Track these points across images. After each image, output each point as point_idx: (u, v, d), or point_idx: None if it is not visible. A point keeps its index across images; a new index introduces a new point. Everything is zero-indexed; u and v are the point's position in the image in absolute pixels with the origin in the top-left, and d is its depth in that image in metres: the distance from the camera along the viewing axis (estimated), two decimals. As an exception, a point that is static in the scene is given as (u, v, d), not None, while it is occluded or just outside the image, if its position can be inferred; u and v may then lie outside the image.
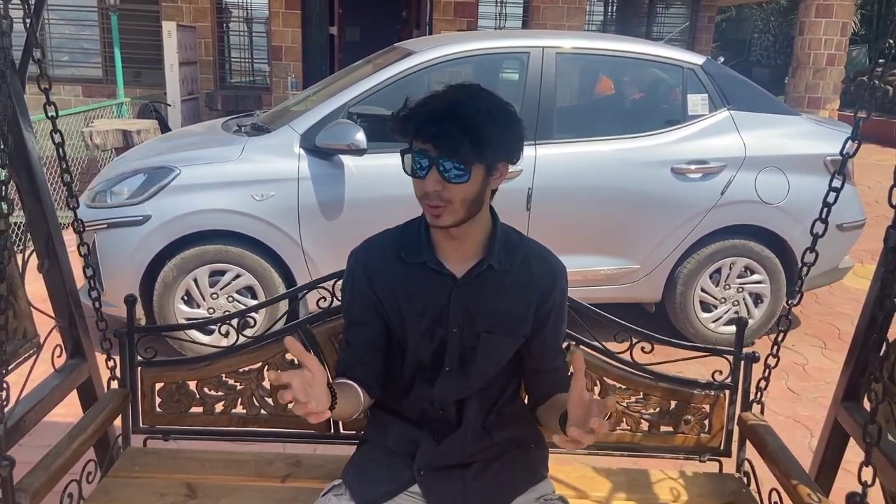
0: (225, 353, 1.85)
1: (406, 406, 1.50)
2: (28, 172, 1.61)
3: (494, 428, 1.51)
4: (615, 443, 1.86)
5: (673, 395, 1.83)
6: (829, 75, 9.88)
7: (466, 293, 1.41)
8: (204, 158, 3.58)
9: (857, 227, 3.97)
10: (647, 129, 3.82)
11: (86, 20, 10.28)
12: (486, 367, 1.45)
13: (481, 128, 1.26)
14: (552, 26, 10.30)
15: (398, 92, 3.56)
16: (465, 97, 1.30)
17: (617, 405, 1.84)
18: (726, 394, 1.83)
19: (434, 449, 1.47)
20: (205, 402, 1.87)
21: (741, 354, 1.82)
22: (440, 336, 1.43)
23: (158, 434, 1.90)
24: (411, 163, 1.31)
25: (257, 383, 1.85)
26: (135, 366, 1.85)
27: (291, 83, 9.68)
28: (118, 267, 3.41)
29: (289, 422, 1.86)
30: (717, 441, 1.85)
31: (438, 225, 1.34)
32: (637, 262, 3.77)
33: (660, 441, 1.86)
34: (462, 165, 1.27)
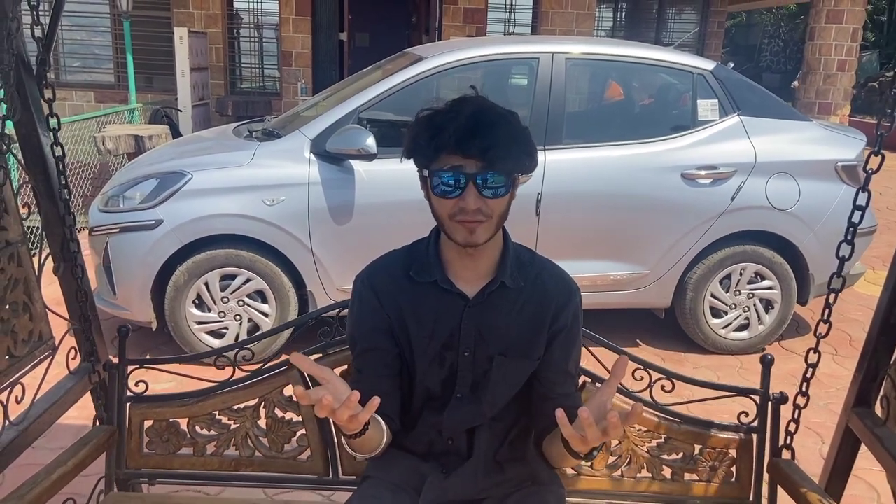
0: (219, 387, 1.77)
1: (413, 438, 1.44)
2: (44, 177, 1.62)
3: (507, 462, 1.45)
4: (635, 491, 1.74)
5: (696, 438, 1.72)
6: (840, 81, 9.82)
7: (479, 313, 1.36)
8: (215, 163, 3.60)
9: (868, 233, 3.95)
10: (657, 134, 3.81)
11: (98, 26, 10.36)
12: (499, 392, 1.39)
13: (518, 136, 1.26)
14: (561, 32, 10.31)
15: (408, 97, 3.57)
16: (488, 106, 1.26)
17: (638, 449, 1.73)
18: (753, 437, 1.72)
19: (442, 482, 1.41)
20: (195, 443, 1.77)
21: (768, 395, 1.71)
22: (450, 362, 1.37)
23: (144, 477, 1.79)
24: (444, 181, 1.25)
25: (252, 422, 1.76)
26: (123, 402, 1.76)
27: (301, 89, 9.72)
28: (130, 271, 3.44)
29: (285, 465, 1.76)
30: (745, 490, 1.73)
31: (474, 242, 1.28)
32: (647, 267, 3.76)
33: (683, 489, 1.73)
34: (504, 178, 1.25)
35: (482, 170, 1.24)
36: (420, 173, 1.32)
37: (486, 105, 1.27)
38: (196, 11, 9.94)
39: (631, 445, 1.73)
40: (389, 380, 1.39)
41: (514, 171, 1.28)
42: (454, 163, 1.24)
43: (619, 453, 1.74)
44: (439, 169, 1.26)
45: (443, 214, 1.29)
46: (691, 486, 1.74)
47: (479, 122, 1.23)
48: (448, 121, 1.24)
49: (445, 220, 1.30)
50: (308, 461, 1.75)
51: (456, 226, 1.28)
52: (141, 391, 1.79)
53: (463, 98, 1.29)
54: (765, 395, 1.72)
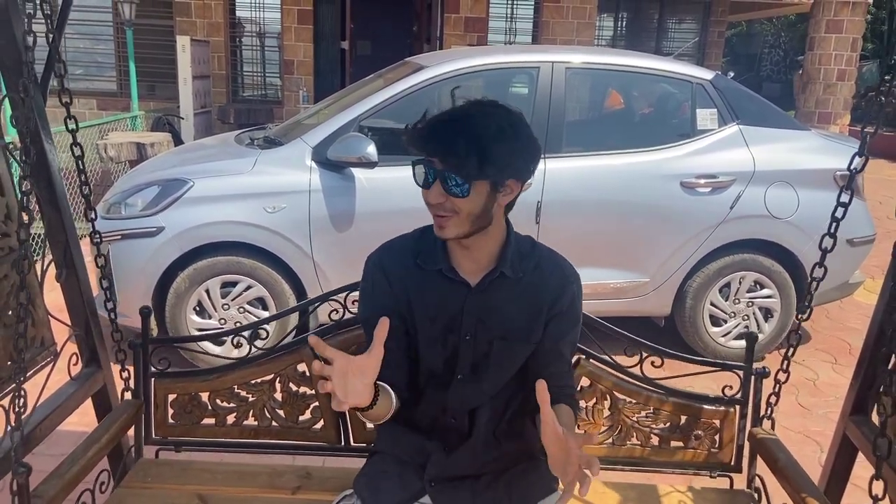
0: (237, 364, 1.87)
1: (417, 414, 1.50)
2: (48, 184, 1.64)
3: (504, 438, 1.51)
4: (625, 457, 1.86)
5: (683, 409, 1.83)
6: (840, 90, 9.85)
7: (480, 301, 1.42)
8: (217, 171, 3.62)
9: (867, 242, 3.96)
10: (657, 143, 3.83)
11: (101, 34, 10.42)
12: (498, 373, 1.46)
13: (486, 145, 1.26)
14: (562, 41, 10.35)
15: (409, 106, 3.59)
16: (477, 113, 1.31)
17: (627, 419, 1.83)
18: (737, 409, 1.82)
19: (444, 459, 1.48)
20: (217, 414, 1.88)
21: (751, 369, 1.82)
22: (452, 343, 1.44)
23: (171, 445, 1.91)
24: (416, 172, 1.34)
25: (269, 395, 1.86)
26: (148, 377, 1.87)
27: (303, 97, 9.76)
28: (131, 278, 3.45)
29: (300, 434, 1.87)
30: (727, 456, 1.84)
31: (442, 236, 1.36)
32: (646, 275, 3.77)
33: (670, 456, 1.85)
34: (463, 180, 1.28)
35: (445, 169, 1.29)
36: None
37: (469, 110, 1.32)
38: (198, 20, 10.00)
39: (621, 416, 1.84)
40: (398, 352, 1.43)
41: (473, 177, 1.29)
42: (429, 157, 1.31)
43: (610, 423, 1.85)
44: (417, 160, 1.34)
45: (425, 203, 1.36)
46: (677, 453, 1.85)
47: (447, 126, 1.29)
48: (431, 120, 1.32)
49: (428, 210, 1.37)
50: (321, 430, 1.87)
51: (433, 217, 1.36)
52: (164, 368, 1.88)
53: (469, 101, 1.35)
54: (748, 370, 1.82)
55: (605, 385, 1.82)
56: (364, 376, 1.19)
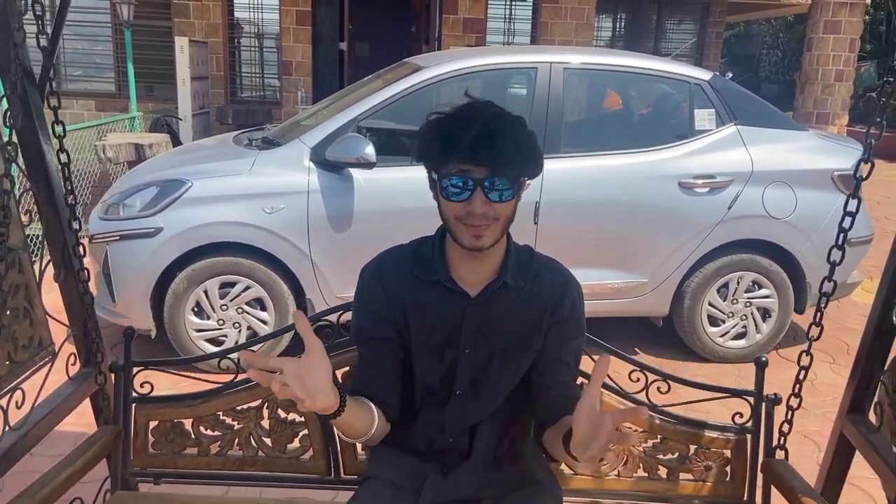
0: (223, 389, 1.78)
1: (413, 435, 1.45)
2: (46, 184, 1.64)
3: (506, 460, 1.46)
4: (631, 491, 1.77)
5: (692, 438, 1.74)
6: (838, 91, 9.88)
7: (480, 312, 1.38)
8: (215, 171, 3.62)
9: (864, 242, 3.97)
10: (655, 143, 3.84)
11: (99, 35, 10.42)
12: (499, 388, 1.41)
13: (524, 144, 1.29)
14: (560, 42, 10.36)
15: (407, 106, 3.60)
16: (500, 114, 1.29)
17: (634, 449, 1.75)
18: (747, 438, 1.74)
19: (442, 482, 1.43)
20: (200, 443, 1.79)
21: (762, 396, 1.74)
22: (450, 358, 1.39)
23: (150, 476, 1.82)
24: (453, 184, 1.28)
25: (255, 422, 1.78)
26: (129, 402, 1.78)
27: (301, 98, 9.76)
28: (130, 278, 3.45)
29: (288, 464, 1.79)
30: (740, 489, 1.75)
31: (480, 246, 1.31)
32: (645, 275, 3.78)
33: (679, 489, 1.76)
34: (511, 183, 1.28)
35: (489, 175, 1.26)
36: (429, 175, 1.35)
37: (495, 113, 1.30)
38: (197, 21, 10.00)
39: (627, 446, 1.75)
40: (391, 368, 1.40)
41: (520, 175, 1.31)
42: (463, 167, 1.27)
43: (616, 454, 1.75)
44: (448, 173, 1.28)
45: (450, 217, 1.32)
46: (687, 486, 1.76)
47: (488, 132, 1.25)
48: (459, 129, 1.26)
49: (452, 223, 1.32)
50: (310, 461, 1.78)
51: (462, 229, 1.31)
52: (146, 392, 1.81)
53: (472, 105, 1.32)
54: (759, 397, 1.75)
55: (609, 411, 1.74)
56: (318, 375, 1.12)
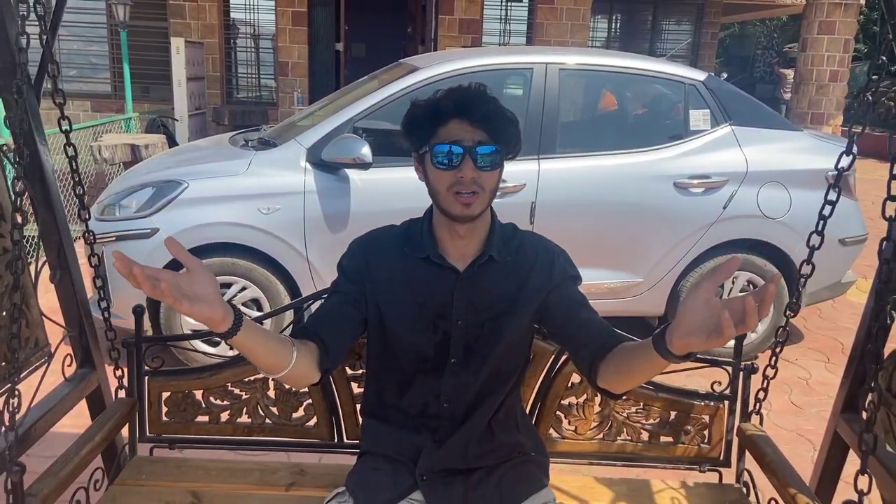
0: (231, 362, 1.87)
1: (407, 402, 1.50)
2: (42, 185, 1.64)
3: (498, 430, 1.52)
4: (616, 453, 1.87)
5: (673, 405, 1.85)
6: (832, 91, 9.92)
7: (469, 286, 1.44)
8: (211, 172, 3.62)
9: (858, 241, 3.98)
10: (650, 143, 3.85)
11: (95, 36, 10.41)
12: (493, 353, 1.46)
13: (511, 117, 1.38)
14: (556, 43, 10.39)
15: (403, 107, 3.55)
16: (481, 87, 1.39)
17: (617, 414, 1.86)
18: (725, 404, 1.85)
19: (435, 451, 1.48)
20: (210, 412, 1.89)
21: (740, 365, 1.84)
22: (444, 329, 1.45)
23: (164, 443, 1.91)
24: (444, 152, 1.35)
25: (262, 392, 1.87)
26: (142, 375, 1.87)
27: (297, 98, 9.77)
28: (126, 279, 3.44)
29: (293, 431, 1.88)
30: (716, 451, 1.86)
31: (469, 214, 1.37)
32: (640, 275, 3.79)
33: (660, 451, 1.87)
34: (496, 153, 1.35)
35: (478, 143, 1.34)
36: (416, 154, 1.41)
37: (477, 86, 1.39)
38: (193, 22, 10.00)
39: (612, 411, 1.87)
40: (343, 319, 1.46)
41: (507, 142, 1.38)
42: (453, 136, 1.34)
43: (601, 419, 1.86)
44: (438, 142, 1.35)
45: (440, 188, 1.37)
46: (667, 448, 1.87)
47: (473, 95, 1.36)
48: (450, 94, 1.36)
49: (442, 194, 1.37)
50: (314, 427, 1.88)
51: (452, 199, 1.36)
52: (157, 366, 1.88)
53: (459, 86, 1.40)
54: (736, 366, 1.85)
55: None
56: (200, 286, 1.10)
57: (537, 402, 1.84)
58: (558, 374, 1.81)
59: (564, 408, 1.85)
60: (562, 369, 1.81)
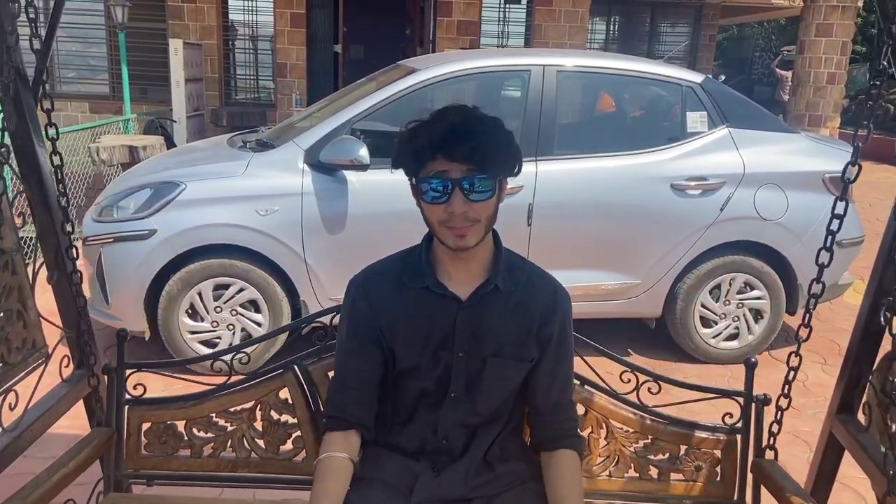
0: (216, 390, 1.78)
1: (406, 436, 1.47)
2: (39, 186, 1.64)
3: (496, 461, 1.48)
4: (622, 491, 1.77)
5: (682, 439, 1.76)
6: (830, 93, 9.92)
7: (472, 315, 1.39)
8: (209, 173, 3.62)
9: (855, 243, 4.00)
10: (647, 145, 3.85)
11: (93, 37, 10.39)
12: (493, 392, 1.43)
13: (501, 138, 1.32)
14: (554, 45, 10.38)
15: (401, 109, 3.61)
16: (471, 113, 1.32)
17: (624, 449, 1.77)
18: (737, 438, 1.75)
19: (433, 480, 1.44)
20: (193, 444, 1.79)
21: (752, 396, 1.75)
22: (445, 361, 1.41)
23: (142, 478, 1.82)
24: (432, 188, 1.30)
25: (248, 424, 1.78)
26: (122, 404, 1.79)
27: (296, 100, 9.76)
28: (124, 280, 3.45)
29: (280, 466, 1.79)
30: (730, 489, 1.76)
31: (464, 245, 1.33)
32: (638, 277, 3.79)
33: (670, 489, 1.77)
34: (489, 180, 1.30)
35: (467, 174, 1.29)
36: (410, 181, 1.37)
37: (467, 112, 1.33)
38: (191, 23, 9.99)
39: (619, 446, 1.77)
40: (371, 391, 1.44)
41: (498, 173, 1.33)
42: (440, 169, 1.29)
43: (607, 454, 1.77)
44: (426, 176, 1.31)
45: (433, 220, 1.34)
46: (677, 486, 1.77)
47: (461, 128, 1.29)
48: (432, 129, 1.29)
49: (436, 226, 1.35)
50: (303, 462, 1.78)
51: (445, 231, 1.33)
52: (139, 394, 1.80)
53: (445, 108, 1.35)
54: (748, 397, 1.76)
55: (600, 411, 1.75)
56: None
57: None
58: None
59: None
60: None
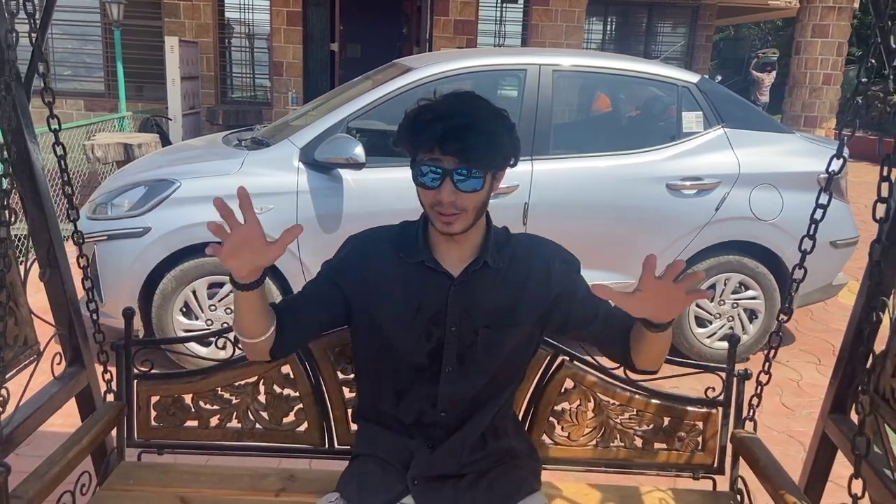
0: (221, 366, 1.84)
1: (402, 409, 1.49)
2: (31, 183, 1.63)
3: (491, 436, 1.51)
4: (609, 459, 1.85)
5: (666, 411, 1.83)
6: (826, 94, 9.96)
7: (463, 291, 1.43)
8: (204, 172, 3.61)
9: (850, 244, 4.00)
10: (643, 145, 3.85)
11: (89, 35, 10.37)
12: (487, 362, 1.45)
13: (498, 135, 1.32)
14: (551, 44, 10.40)
15: (397, 107, 3.60)
16: (474, 106, 1.33)
17: (611, 420, 1.84)
18: (719, 410, 1.83)
19: (428, 457, 1.47)
20: (200, 416, 1.86)
21: (733, 371, 1.82)
22: (437, 336, 1.44)
23: (153, 448, 1.88)
24: (423, 174, 1.33)
25: (253, 397, 1.85)
26: (131, 379, 1.84)
27: (292, 98, 9.75)
28: (118, 278, 3.43)
29: (283, 436, 1.86)
30: (710, 458, 1.84)
31: (450, 232, 1.37)
32: (632, 277, 3.78)
33: (653, 458, 1.85)
34: (480, 175, 1.32)
35: (459, 165, 1.31)
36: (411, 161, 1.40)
37: (470, 106, 1.33)
38: (187, 21, 9.97)
39: (605, 418, 1.83)
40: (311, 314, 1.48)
41: (490, 168, 1.35)
42: (434, 156, 1.32)
43: (594, 425, 1.84)
44: (421, 161, 1.34)
45: (424, 203, 1.38)
46: (660, 455, 1.85)
47: (459, 125, 1.29)
48: (433, 120, 1.31)
49: (426, 208, 1.38)
50: (305, 433, 1.85)
51: (435, 215, 1.37)
52: (147, 370, 1.86)
53: (451, 97, 1.36)
54: (730, 372, 1.82)
55: (589, 386, 1.81)
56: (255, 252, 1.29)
57: (530, 407, 1.82)
58: (551, 379, 1.79)
59: (557, 413, 1.83)
60: (554, 375, 1.79)
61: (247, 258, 1.30)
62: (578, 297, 1.48)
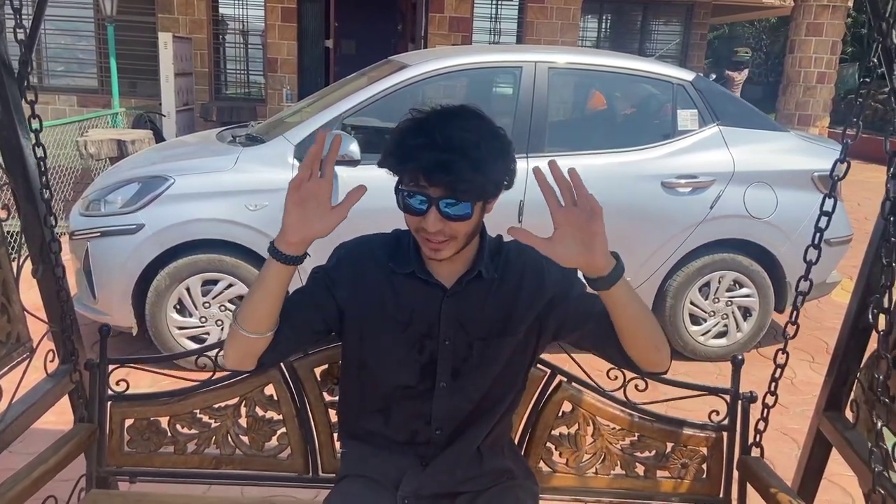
0: (200, 387, 1.76)
1: (392, 427, 1.44)
2: (24, 179, 1.62)
3: (487, 454, 1.46)
4: (609, 488, 1.77)
5: (668, 436, 1.75)
6: (820, 93, 9.98)
7: (456, 303, 1.38)
8: (198, 168, 3.60)
9: (844, 242, 4.02)
10: (638, 143, 3.86)
11: (82, 31, 10.30)
12: (482, 375, 1.41)
13: (488, 165, 1.22)
14: (546, 42, 10.39)
15: (392, 104, 3.59)
16: (464, 132, 1.23)
17: (611, 446, 1.77)
18: (724, 435, 1.75)
19: (420, 473, 1.42)
20: (176, 441, 1.77)
21: (738, 394, 1.75)
22: (430, 349, 1.39)
23: (125, 475, 1.79)
24: (408, 201, 1.26)
25: (233, 420, 1.76)
26: (104, 400, 1.75)
27: (287, 95, 9.72)
28: (111, 275, 3.42)
29: (265, 463, 1.78)
30: (716, 486, 1.75)
31: (438, 259, 1.31)
32: (627, 274, 3.77)
33: (656, 487, 1.76)
34: (468, 204, 1.25)
35: (444, 195, 1.23)
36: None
37: (461, 128, 1.23)
38: (181, 17, 9.92)
39: (605, 443, 1.76)
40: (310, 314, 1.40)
41: (479, 198, 1.27)
42: (421, 183, 1.24)
43: (594, 451, 1.76)
44: (405, 188, 1.27)
45: (411, 227, 1.33)
46: (663, 483, 1.76)
47: (445, 158, 1.20)
48: (419, 148, 1.22)
49: (414, 233, 1.33)
50: (288, 459, 1.76)
51: (423, 240, 1.31)
52: (122, 390, 1.78)
53: (444, 114, 1.27)
54: (735, 395, 1.76)
55: (588, 409, 1.74)
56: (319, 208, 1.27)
57: (526, 431, 1.73)
58: (548, 401, 1.72)
59: (555, 438, 1.75)
60: (552, 396, 1.72)
61: (310, 212, 1.25)
62: (573, 297, 1.42)
